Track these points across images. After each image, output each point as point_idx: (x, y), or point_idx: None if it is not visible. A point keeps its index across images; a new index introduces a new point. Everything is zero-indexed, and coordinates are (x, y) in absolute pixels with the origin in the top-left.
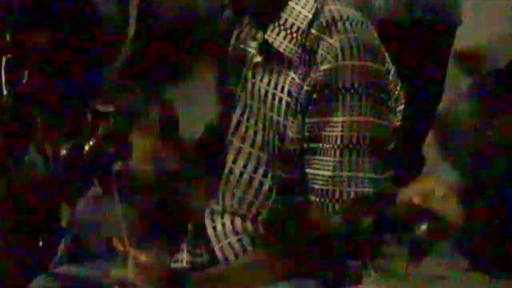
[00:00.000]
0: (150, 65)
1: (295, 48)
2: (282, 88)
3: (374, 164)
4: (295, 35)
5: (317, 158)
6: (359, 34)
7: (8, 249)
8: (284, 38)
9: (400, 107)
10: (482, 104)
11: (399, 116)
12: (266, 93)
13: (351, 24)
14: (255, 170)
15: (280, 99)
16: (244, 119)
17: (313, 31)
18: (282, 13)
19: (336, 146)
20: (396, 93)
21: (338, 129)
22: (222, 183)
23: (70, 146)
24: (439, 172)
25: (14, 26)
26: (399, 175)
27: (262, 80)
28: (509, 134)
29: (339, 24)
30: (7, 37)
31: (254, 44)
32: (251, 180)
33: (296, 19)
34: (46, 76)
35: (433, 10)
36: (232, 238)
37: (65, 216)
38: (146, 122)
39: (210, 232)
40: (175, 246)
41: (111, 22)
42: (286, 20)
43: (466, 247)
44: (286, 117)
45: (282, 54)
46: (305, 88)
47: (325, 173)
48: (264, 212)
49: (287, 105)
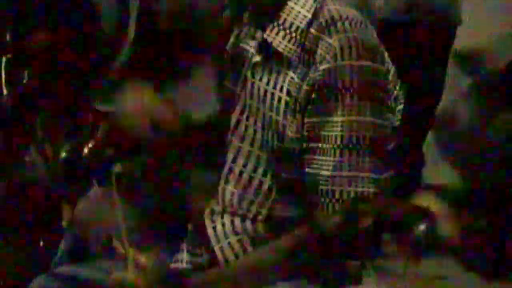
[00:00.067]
0: (150, 64)
1: (294, 47)
2: (281, 87)
3: (374, 164)
4: (294, 34)
5: (316, 158)
6: (358, 34)
7: (8, 249)
8: (283, 38)
9: (400, 107)
10: (482, 104)
11: (399, 115)
12: (266, 92)
13: (350, 23)
14: (255, 169)
15: (279, 99)
16: (244, 118)
17: (312, 30)
18: (281, 12)
19: (336, 146)
20: (396, 92)
21: (338, 129)
22: (222, 182)
23: (70, 147)
24: (439, 172)
25: (14, 26)
26: (399, 175)
27: (261, 80)
28: (509, 134)
29: (339, 24)
30: (7, 37)
31: (253, 43)
32: (250, 179)
33: (295, 18)
34: (46, 76)
35: (433, 10)
36: (232, 238)
37: (65, 216)
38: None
39: (210, 232)
40: (175, 246)
41: (111, 22)
42: (285, 19)
43: (466, 248)
44: (285, 116)
45: (281, 53)
46: (304, 87)
47: (324, 173)
48: (264, 211)
49: (286, 104)
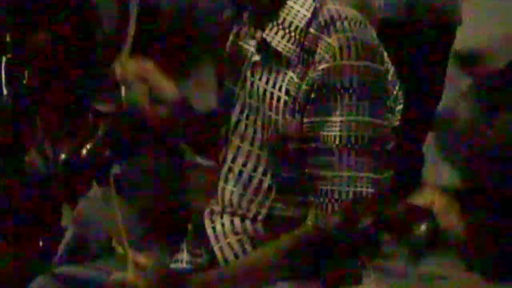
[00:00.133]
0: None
1: (293, 47)
2: (280, 87)
3: (373, 164)
4: (293, 34)
5: (315, 157)
6: (357, 34)
7: (8, 249)
8: (283, 37)
9: (399, 107)
10: (482, 104)
11: (398, 116)
12: (265, 91)
13: (349, 23)
14: (255, 168)
15: (279, 98)
16: (244, 118)
17: (311, 30)
18: (280, 12)
19: (335, 146)
20: (395, 93)
21: (337, 128)
22: (221, 182)
23: (70, 147)
24: (439, 172)
25: (14, 26)
26: (399, 175)
27: (261, 79)
28: (509, 134)
29: (338, 24)
30: (7, 37)
31: (253, 43)
32: (250, 178)
33: (294, 18)
34: (46, 76)
35: (433, 10)
36: (232, 238)
37: (65, 216)
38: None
39: (210, 232)
40: (175, 246)
41: (111, 22)
42: (285, 19)
43: (466, 248)
44: (284, 116)
45: (281, 53)
46: (303, 87)
47: (323, 173)
48: (263, 211)
49: (285, 104)
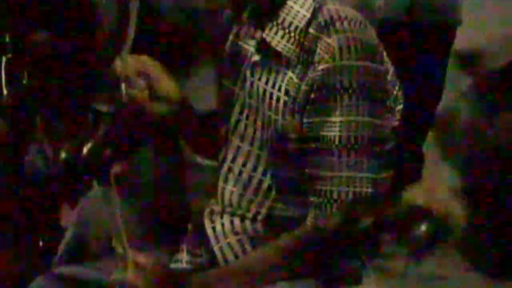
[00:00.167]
0: None
1: (293, 47)
2: (280, 87)
3: (373, 164)
4: (293, 34)
5: (315, 158)
6: (357, 34)
7: (8, 249)
8: (282, 37)
9: (399, 107)
10: (482, 104)
11: (398, 116)
12: (265, 91)
13: (349, 23)
14: (254, 168)
15: (278, 98)
16: (243, 117)
17: (311, 30)
18: (280, 12)
19: (335, 146)
20: (395, 93)
21: (336, 129)
22: (221, 182)
23: (70, 147)
24: (439, 172)
25: (14, 26)
26: (398, 175)
27: (260, 79)
28: (509, 134)
29: (338, 24)
30: (7, 37)
31: (252, 42)
32: (250, 178)
33: (294, 18)
34: (46, 76)
35: (433, 10)
36: (232, 238)
37: (65, 216)
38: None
39: (210, 232)
40: (175, 246)
41: (111, 22)
42: (285, 19)
43: (467, 248)
44: (284, 116)
45: (280, 53)
46: (303, 87)
47: (323, 173)
48: (263, 211)
49: (285, 104)
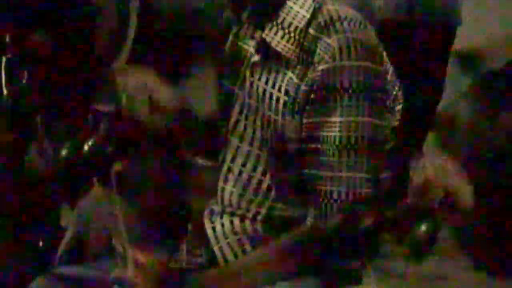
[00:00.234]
0: (150, 64)
1: (293, 47)
2: (280, 87)
3: (373, 165)
4: (293, 34)
5: (315, 158)
6: (357, 34)
7: (8, 249)
8: (282, 38)
9: (399, 107)
10: (482, 104)
11: (398, 116)
12: (264, 92)
13: (349, 24)
14: (254, 168)
15: (278, 98)
16: (243, 118)
17: (311, 31)
18: (280, 12)
19: (335, 147)
20: (395, 93)
21: (336, 129)
22: (221, 182)
23: (71, 145)
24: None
25: (14, 26)
26: (398, 175)
27: (260, 79)
28: (509, 134)
29: (337, 24)
30: (7, 37)
31: (252, 43)
32: (250, 178)
33: (294, 18)
34: (46, 76)
35: (433, 10)
36: (231, 239)
37: (65, 216)
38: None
39: (209, 233)
40: (175, 246)
41: (111, 22)
42: (284, 19)
43: (467, 247)
44: (283, 116)
45: (280, 53)
46: (302, 87)
47: (323, 173)
48: (263, 211)
49: (285, 104)
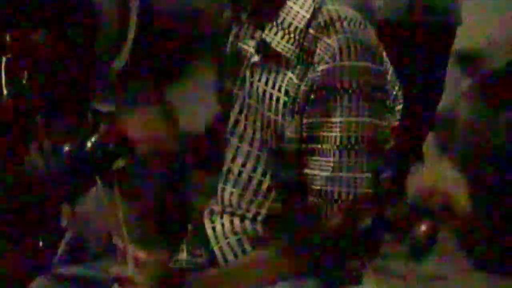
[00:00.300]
0: (150, 64)
1: (293, 47)
2: (280, 87)
3: (373, 165)
4: (292, 35)
5: (315, 158)
6: (357, 34)
7: (8, 249)
8: (282, 38)
9: (399, 107)
10: (482, 104)
11: (398, 116)
12: (264, 92)
13: (349, 24)
14: (254, 169)
15: (278, 99)
16: (243, 118)
17: (311, 31)
18: (280, 12)
19: (335, 147)
20: (395, 93)
21: (336, 129)
22: (221, 182)
23: (70, 145)
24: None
25: (14, 26)
26: (399, 175)
27: (260, 80)
28: (509, 134)
29: (337, 24)
30: (7, 37)
31: (252, 43)
32: (250, 179)
33: (294, 18)
34: (46, 76)
35: (433, 10)
36: (231, 239)
37: (65, 216)
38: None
39: (210, 233)
40: (175, 246)
41: (111, 22)
42: (284, 19)
43: (467, 247)
44: (283, 116)
45: (280, 53)
46: (302, 88)
47: (323, 173)
48: (263, 211)
49: (285, 104)
